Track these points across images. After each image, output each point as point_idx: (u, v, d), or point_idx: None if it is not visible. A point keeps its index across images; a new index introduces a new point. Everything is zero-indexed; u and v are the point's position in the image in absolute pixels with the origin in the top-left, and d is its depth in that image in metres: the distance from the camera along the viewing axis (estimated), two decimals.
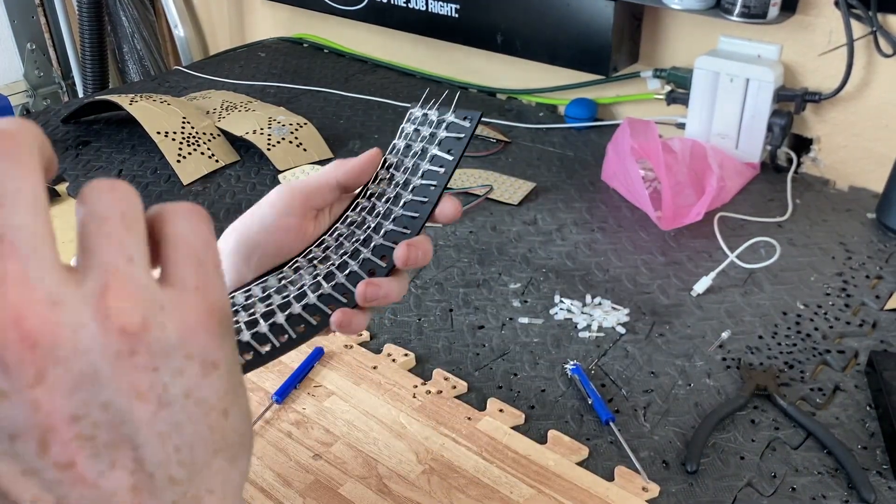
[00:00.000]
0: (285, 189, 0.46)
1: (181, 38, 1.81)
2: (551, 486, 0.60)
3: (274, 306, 0.43)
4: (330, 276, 0.45)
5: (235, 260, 0.45)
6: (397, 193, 0.47)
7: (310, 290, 0.45)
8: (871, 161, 1.03)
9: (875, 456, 0.63)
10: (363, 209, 0.48)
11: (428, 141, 0.48)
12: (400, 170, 0.48)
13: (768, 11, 0.97)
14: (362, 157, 0.47)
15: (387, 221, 0.46)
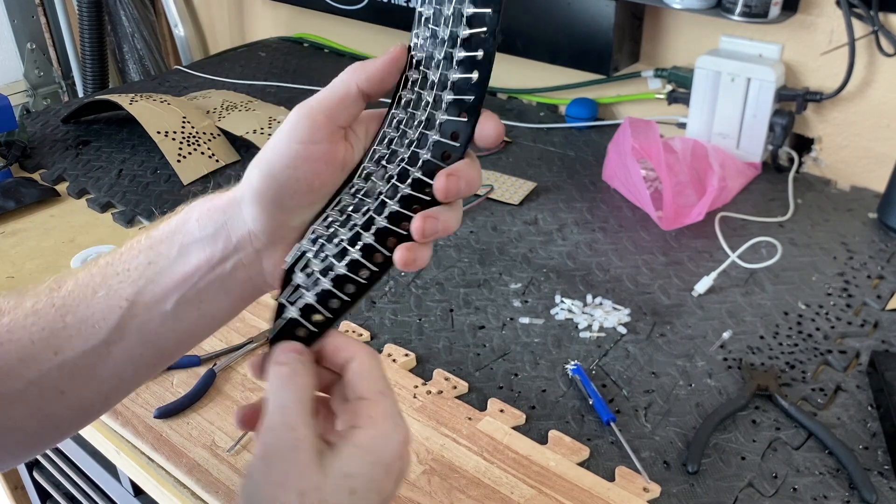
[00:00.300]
0: (303, 112, 0.39)
1: (181, 37, 1.81)
2: (552, 487, 0.60)
3: (330, 257, 0.40)
4: (381, 207, 0.40)
5: (266, 206, 0.40)
6: (436, 97, 0.40)
7: (363, 230, 0.40)
8: (872, 161, 1.03)
9: (876, 456, 0.63)
10: (399, 122, 0.41)
11: (454, 23, 0.38)
12: (431, 66, 0.40)
13: (769, 11, 0.97)
14: (385, 58, 0.40)
15: (431, 132, 0.40)
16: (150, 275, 0.41)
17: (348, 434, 0.38)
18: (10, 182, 1.03)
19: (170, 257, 0.41)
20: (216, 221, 0.41)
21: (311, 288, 0.41)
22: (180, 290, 0.41)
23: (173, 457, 0.63)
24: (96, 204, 1.01)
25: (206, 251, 0.41)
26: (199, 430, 0.66)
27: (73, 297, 0.40)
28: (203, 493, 0.61)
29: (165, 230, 0.42)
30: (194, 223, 0.41)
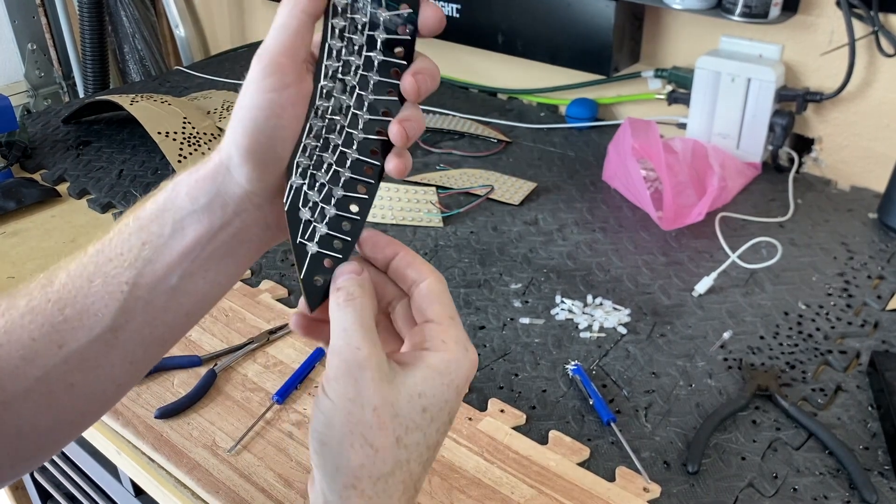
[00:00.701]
0: (267, 62, 0.39)
1: (182, 38, 1.81)
2: (552, 487, 0.60)
3: (325, 184, 0.40)
4: (354, 119, 0.40)
5: (258, 162, 0.39)
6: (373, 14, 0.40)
7: (346, 147, 0.40)
8: (872, 161, 1.03)
9: (877, 456, 0.63)
10: (342, 30, 0.41)
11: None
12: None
13: (769, 11, 0.97)
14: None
15: (377, 31, 0.39)
16: (146, 255, 0.40)
17: (421, 356, 0.39)
18: (10, 182, 1.04)
19: (164, 235, 0.40)
20: (208, 191, 0.40)
21: (320, 219, 0.41)
22: (182, 265, 0.40)
23: (174, 457, 0.63)
24: (97, 204, 1.01)
25: (204, 222, 0.40)
26: (199, 431, 0.66)
27: (67, 290, 0.40)
28: (204, 493, 0.61)
29: (153, 209, 0.41)
30: (184, 197, 0.41)
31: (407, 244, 0.97)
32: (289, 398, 0.69)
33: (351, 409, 0.36)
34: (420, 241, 0.93)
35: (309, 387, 0.70)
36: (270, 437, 0.65)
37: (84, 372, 0.40)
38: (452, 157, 1.13)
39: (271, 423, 0.66)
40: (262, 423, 0.66)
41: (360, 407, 0.36)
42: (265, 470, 0.62)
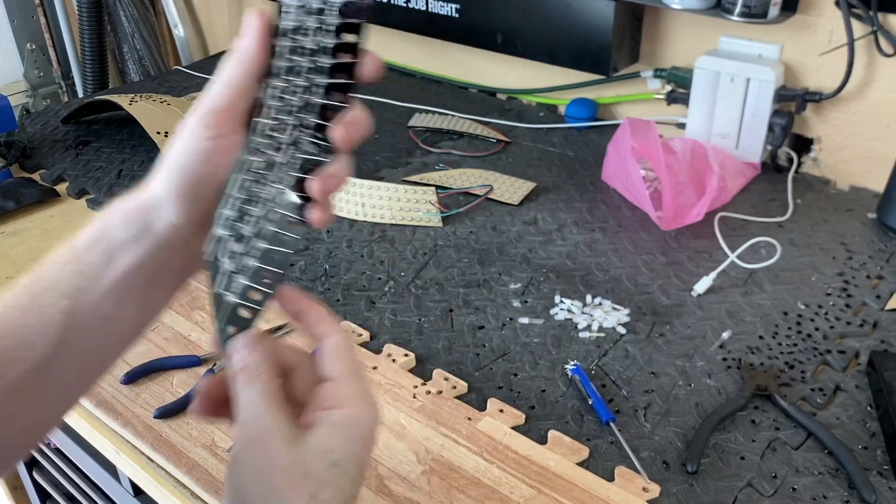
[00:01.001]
0: (206, 113, 0.41)
1: (181, 37, 1.81)
2: (552, 487, 0.60)
3: (247, 236, 0.42)
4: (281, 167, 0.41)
5: (186, 200, 0.41)
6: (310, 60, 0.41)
7: (268, 200, 0.41)
8: (871, 161, 1.03)
9: (876, 456, 0.63)
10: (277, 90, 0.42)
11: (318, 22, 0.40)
12: (299, 33, 0.41)
13: (769, 11, 0.97)
14: (254, 35, 0.41)
15: (314, 97, 0.41)
16: (80, 285, 0.41)
17: (324, 415, 0.40)
18: (10, 182, 1.04)
19: (97, 264, 0.41)
20: (137, 223, 0.42)
21: (241, 272, 0.42)
22: (116, 294, 0.41)
23: (173, 457, 0.63)
24: (96, 204, 1.01)
25: (135, 252, 0.41)
26: (198, 430, 0.66)
27: (4, 320, 0.40)
28: (203, 492, 0.61)
29: (87, 240, 0.42)
30: (117, 228, 0.42)
31: (406, 244, 0.97)
32: None
33: (261, 476, 0.37)
34: (419, 240, 0.93)
35: None
36: None
37: (21, 402, 0.40)
38: (452, 156, 1.13)
39: None
40: None
41: (271, 471, 0.37)
42: None
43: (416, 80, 1.42)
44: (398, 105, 1.30)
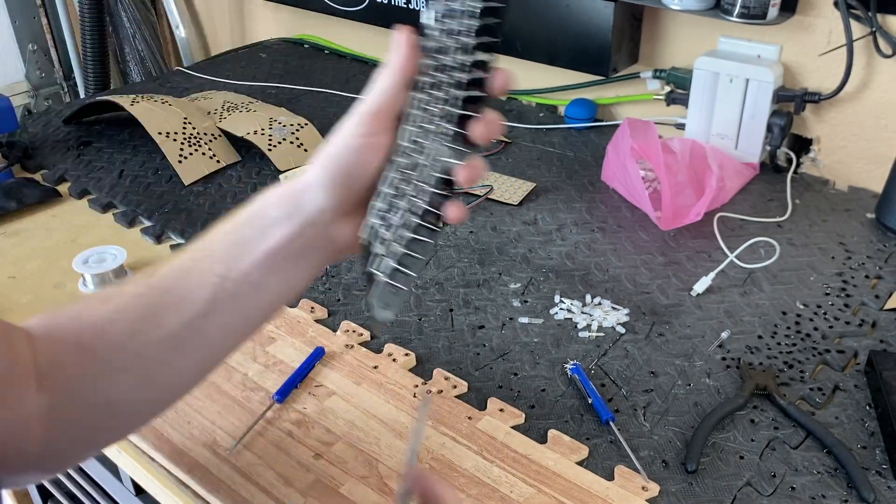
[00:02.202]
0: (363, 113, 0.47)
1: (182, 38, 1.81)
2: (551, 486, 0.60)
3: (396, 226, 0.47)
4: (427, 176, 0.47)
5: (335, 188, 0.48)
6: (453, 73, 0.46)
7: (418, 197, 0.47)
8: (870, 161, 1.03)
9: (874, 455, 0.63)
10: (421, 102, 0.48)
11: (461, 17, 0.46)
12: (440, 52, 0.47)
13: (768, 12, 0.97)
14: (400, 50, 0.47)
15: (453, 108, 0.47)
16: (236, 253, 0.47)
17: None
18: (11, 182, 1.04)
19: (252, 237, 0.48)
20: (290, 204, 0.48)
21: (390, 254, 0.48)
22: (265, 264, 0.47)
23: (174, 456, 0.64)
24: (98, 204, 1.01)
25: (284, 229, 0.48)
26: (200, 430, 0.66)
27: (168, 279, 0.47)
28: (204, 492, 0.61)
29: (246, 216, 0.49)
30: (272, 207, 0.48)
31: None
32: (289, 397, 0.69)
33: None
34: None
35: (309, 386, 0.70)
36: (271, 436, 0.65)
37: (176, 351, 0.46)
38: None
39: (272, 422, 0.67)
40: (263, 422, 0.67)
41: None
42: (265, 469, 0.62)
43: None
44: None
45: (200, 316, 0.46)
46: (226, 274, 0.47)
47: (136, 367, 0.45)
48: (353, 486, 0.60)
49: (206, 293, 0.46)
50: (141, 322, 0.46)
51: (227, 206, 1.01)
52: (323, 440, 0.65)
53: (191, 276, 0.47)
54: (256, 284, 0.47)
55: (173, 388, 0.49)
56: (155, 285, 0.47)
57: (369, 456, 0.63)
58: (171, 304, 0.46)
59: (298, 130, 1.13)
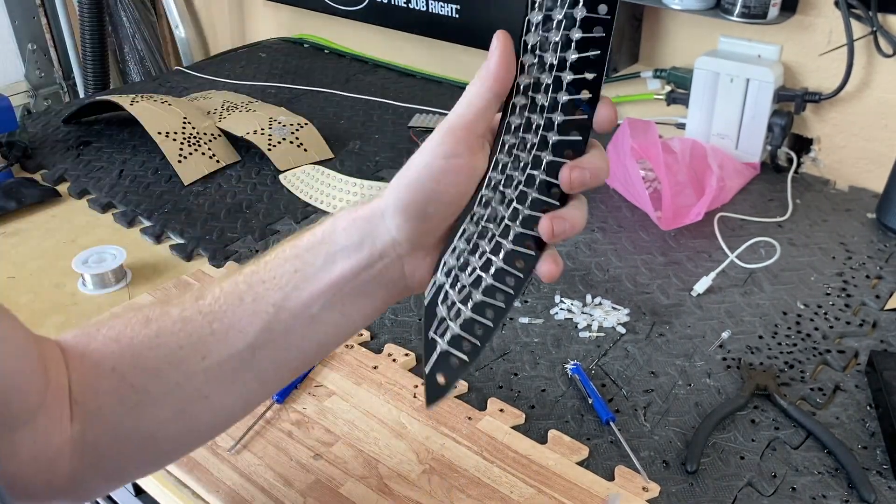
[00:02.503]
0: (445, 130, 0.41)
1: (182, 38, 1.81)
2: (551, 486, 0.60)
3: (466, 287, 0.42)
4: (506, 230, 0.42)
5: (410, 216, 0.42)
6: (551, 99, 0.41)
7: (493, 255, 0.42)
8: (871, 161, 1.03)
9: (875, 456, 0.63)
10: (517, 128, 0.42)
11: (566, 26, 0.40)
12: (538, 68, 0.41)
13: (768, 12, 0.97)
14: (499, 56, 0.41)
15: (550, 133, 0.41)
16: (296, 282, 0.43)
17: None
18: (11, 182, 1.04)
19: (316, 265, 0.43)
20: (361, 231, 0.43)
21: (455, 319, 0.42)
22: (326, 296, 0.43)
23: None
24: (97, 204, 1.01)
25: (352, 259, 0.43)
26: None
27: (219, 305, 0.42)
28: (204, 492, 0.61)
29: (311, 240, 0.44)
30: (341, 232, 0.43)
31: None
32: (289, 398, 0.69)
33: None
34: None
35: (309, 386, 0.70)
36: (270, 436, 0.65)
37: (219, 385, 0.42)
38: None
39: (271, 422, 0.67)
40: (262, 422, 0.66)
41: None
42: (265, 469, 0.62)
43: (417, 80, 1.43)
44: (398, 105, 1.30)
45: (249, 349, 0.42)
46: (282, 304, 0.42)
47: (174, 398, 0.42)
48: (352, 486, 0.60)
49: (258, 324, 0.42)
50: (184, 351, 0.42)
51: (226, 206, 1.00)
52: (322, 440, 0.65)
53: (244, 303, 0.42)
54: (314, 318, 0.43)
55: (213, 423, 0.45)
56: (204, 310, 0.42)
57: (369, 456, 0.63)
58: (219, 334, 0.42)
59: (298, 130, 1.13)
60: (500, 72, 0.41)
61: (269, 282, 0.43)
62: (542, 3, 0.40)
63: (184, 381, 0.42)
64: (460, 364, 0.42)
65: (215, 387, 0.42)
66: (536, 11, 0.40)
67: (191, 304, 0.43)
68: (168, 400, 0.42)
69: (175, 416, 0.42)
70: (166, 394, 0.42)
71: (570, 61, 0.40)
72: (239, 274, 0.44)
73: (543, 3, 0.40)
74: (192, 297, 0.43)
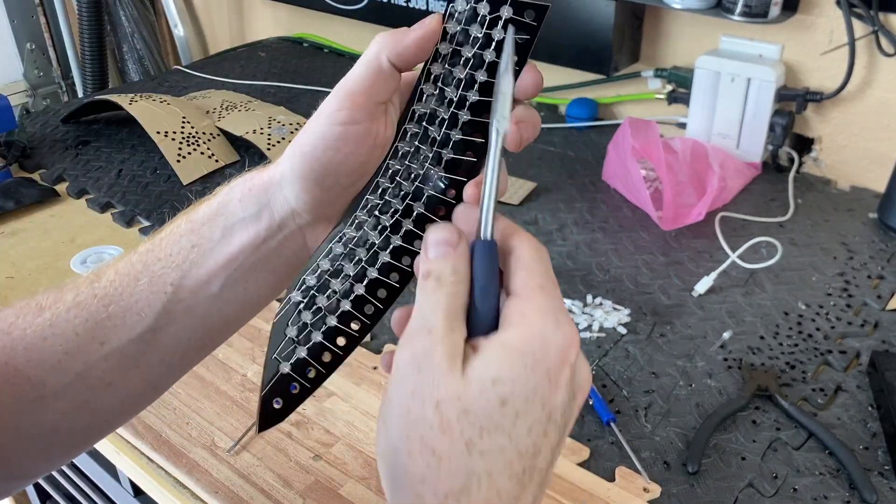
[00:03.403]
0: (340, 93, 0.39)
1: (181, 37, 1.81)
2: (552, 487, 0.60)
3: (323, 309, 0.40)
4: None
5: (308, 186, 0.39)
6: (469, 75, 0.39)
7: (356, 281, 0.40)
8: (872, 161, 1.03)
9: (877, 456, 0.63)
10: (430, 97, 0.39)
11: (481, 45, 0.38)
12: (464, 46, 0.39)
13: (769, 11, 0.97)
14: (419, 32, 0.38)
15: (462, 111, 0.39)
16: (194, 258, 0.40)
17: (495, 336, 0.31)
18: (9, 182, 1.03)
19: (213, 239, 0.40)
20: (259, 201, 0.40)
21: (304, 343, 0.40)
22: (226, 271, 0.40)
23: (173, 457, 0.63)
24: (96, 204, 1.01)
25: (251, 231, 0.40)
26: (198, 431, 0.66)
27: (114, 287, 0.40)
28: (203, 493, 0.61)
29: (206, 212, 0.41)
30: (237, 203, 0.41)
31: None
32: None
33: (410, 405, 0.30)
34: None
35: None
36: (269, 437, 0.65)
37: (122, 371, 0.40)
38: None
39: None
40: None
41: (421, 402, 0.29)
42: (264, 470, 0.62)
43: None
44: None
45: (150, 331, 0.40)
46: (180, 283, 0.40)
47: (76, 389, 0.39)
48: (352, 487, 0.60)
49: (157, 306, 0.40)
50: (81, 338, 0.39)
51: None
52: (322, 441, 0.64)
53: (139, 284, 0.40)
54: (215, 296, 0.41)
55: (121, 409, 0.42)
56: (99, 294, 0.40)
57: (369, 457, 0.63)
58: (116, 317, 0.39)
59: (297, 129, 1.13)
60: (410, 47, 0.38)
61: (164, 259, 0.40)
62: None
63: (84, 370, 0.39)
64: (301, 391, 0.40)
65: (118, 373, 0.40)
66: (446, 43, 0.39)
67: (86, 287, 0.40)
68: (69, 391, 0.39)
69: (79, 406, 0.40)
70: (67, 385, 0.39)
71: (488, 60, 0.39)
72: (134, 253, 0.41)
73: None
74: (88, 280, 0.41)
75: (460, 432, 0.28)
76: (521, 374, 0.29)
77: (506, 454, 0.29)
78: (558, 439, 0.30)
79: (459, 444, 0.28)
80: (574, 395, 0.31)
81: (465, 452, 0.28)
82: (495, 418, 0.29)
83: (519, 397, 0.29)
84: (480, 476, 0.28)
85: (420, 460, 0.29)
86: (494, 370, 0.29)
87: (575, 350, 0.31)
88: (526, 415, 0.29)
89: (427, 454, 0.29)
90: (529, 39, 0.38)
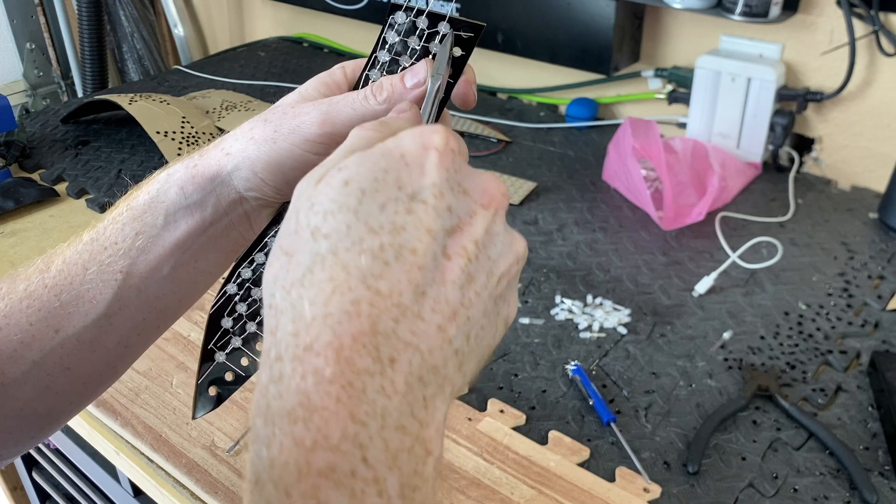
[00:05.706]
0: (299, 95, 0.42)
1: (181, 37, 1.81)
2: (552, 487, 0.60)
3: (257, 300, 0.42)
4: None
5: (263, 176, 0.41)
6: None
7: None
8: (873, 161, 1.03)
9: (877, 457, 0.63)
10: None
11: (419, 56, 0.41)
12: (402, 56, 0.42)
13: (770, 10, 0.96)
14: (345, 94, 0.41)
15: None
16: (140, 245, 0.41)
17: None
18: (9, 182, 1.03)
19: (157, 226, 0.41)
20: (204, 190, 0.41)
21: (239, 333, 0.42)
22: (174, 256, 0.41)
23: (172, 457, 0.63)
24: (95, 204, 1.01)
25: (195, 217, 0.41)
26: (198, 431, 0.66)
27: (63, 276, 0.41)
28: (202, 493, 0.61)
29: (145, 199, 0.42)
30: (177, 190, 0.41)
31: None
32: None
33: None
34: None
35: None
36: None
37: (80, 356, 0.41)
38: None
39: None
40: None
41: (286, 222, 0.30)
42: None
43: None
44: None
45: (103, 317, 0.41)
46: (129, 269, 0.41)
47: (35, 377, 0.40)
48: None
49: (108, 293, 0.40)
50: (35, 327, 0.40)
51: None
52: None
53: (88, 273, 0.41)
54: (166, 279, 0.42)
55: (83, 392, 0.43)
56: (49, 283, 0.41)
57: None
58: (68, 305, 0.40)
59: None
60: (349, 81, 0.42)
61: (111, 248, 0.41)
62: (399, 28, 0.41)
63: (41, 357, 0.40)
64: (235, 378, 0.42)
65: (76, 357, 0.41)
66: (385, 52, 0.41)
67: (36, 277, 0.41)
68: (29, 378, 0.40)
69: (40, 392, 0.41)
70: (25, 374, 0.40)
71: None
72: (79, 241, 0.42)
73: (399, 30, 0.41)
74: (37, 269, 0.41)
75: (307, 224, 0.29)
76: (366, 159, 0.29)
77: (354, 231, 0.28)
78: (434, 218, 0.29)
79: (305, 234, 0.29)
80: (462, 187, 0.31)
81: (311, 239, 0.28)
82: (339, 199, 0.28)
83: (364, 177, 0.29)
84: (325, 256, 0.28)
85: (276, 265, 0.29)
86: (341, 165, 0.30)
87: (440, 137, 0.30)
88: (375, 193, 0.29)
89: (282, 257, 0.29)
90: (465, 56, 0.40)
